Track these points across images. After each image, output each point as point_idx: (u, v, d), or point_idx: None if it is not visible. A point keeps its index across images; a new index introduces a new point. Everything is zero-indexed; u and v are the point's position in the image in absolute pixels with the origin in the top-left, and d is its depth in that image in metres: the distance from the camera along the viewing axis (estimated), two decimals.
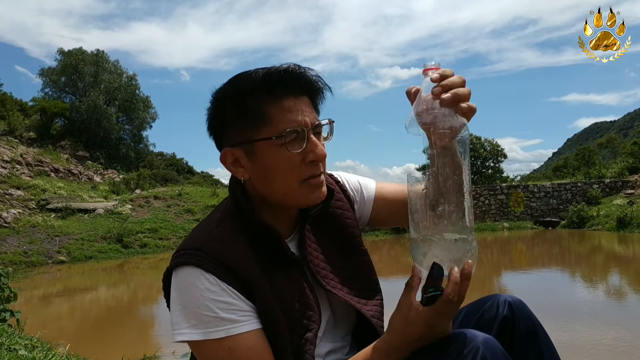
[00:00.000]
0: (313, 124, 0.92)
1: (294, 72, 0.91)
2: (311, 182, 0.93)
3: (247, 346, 0.86)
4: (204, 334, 0.85)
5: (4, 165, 16.12)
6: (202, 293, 0.86)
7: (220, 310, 0.85)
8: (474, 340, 0.81)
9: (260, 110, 0.90)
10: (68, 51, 30.33)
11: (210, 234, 0.93)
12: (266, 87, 0.89)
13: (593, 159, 28.09)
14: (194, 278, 0.87)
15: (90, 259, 11.45)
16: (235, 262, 0.89)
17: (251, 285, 0.89)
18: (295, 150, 0.89)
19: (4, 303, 3.88)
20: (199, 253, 0.89)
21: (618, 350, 4.10)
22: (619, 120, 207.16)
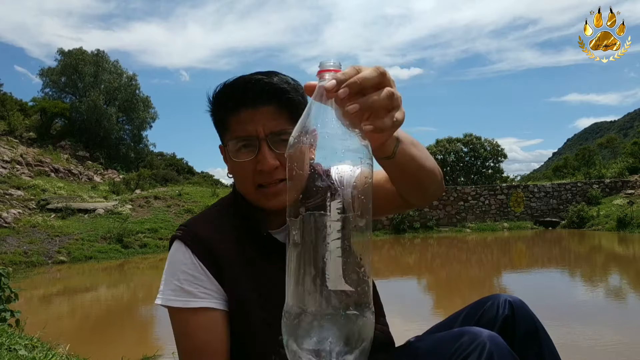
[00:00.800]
0: (268, 133, 0.94)
1: (244, 85, 0.95)
2: (264, 191, 0.97)
3: (199, 323, 0.93)
4: (165, 300, 0.95)
5: (4, 166, 16.12)
6: (175, 264, 0.97)
7: (185, 282, 0.95)
8: (480, 336, 0.82)
9: (223, 119, 1.00)
10: (68, 51, 30.34)
11: (202, 214, 1.06)
12: (224, 99, 0.98)
13: (593, 159, 28.10)
14: (175, 250, 0.99)
15: (90, 259, 11.45)
16: (212, 239, 0.98)
17: (223, 264, 0.96)
18: (241, 159, 0.96)
19: (4, 303, 3.88)
20: (185, 229, 1.01)
21: (618, 350, 4.10)
22: (619, 120, 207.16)
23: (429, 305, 6.65)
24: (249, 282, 0.96)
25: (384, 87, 0.60)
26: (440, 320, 1.17)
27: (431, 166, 0.89)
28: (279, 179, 0.96)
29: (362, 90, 0.58)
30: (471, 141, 27.03)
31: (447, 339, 0.86)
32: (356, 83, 0.58)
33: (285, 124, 0.95)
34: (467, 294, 7.10)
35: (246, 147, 0.96)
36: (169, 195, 17.06)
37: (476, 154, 26.88)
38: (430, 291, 7.95)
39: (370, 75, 0.59)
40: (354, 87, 0.57)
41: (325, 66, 0.61)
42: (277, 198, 0.97)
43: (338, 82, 0.57)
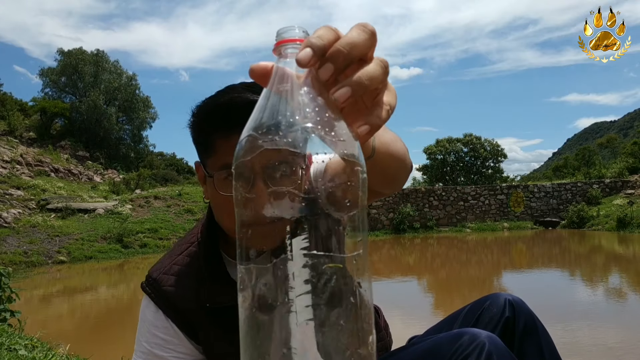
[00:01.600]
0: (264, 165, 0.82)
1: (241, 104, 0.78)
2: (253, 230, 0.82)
3: None
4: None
5: (4, 166, 16.12)
6: (146, 325, 0.92)
7: (156, 346, 0.90)
8: (479, 337, 0.83)
9: (207, 140, 0.84)
10: (68, 51, 30.36)
11: (171, 262, 0.95)
12: (212, 117, 0.82)
13: (593, 159, 28.12)
14: (145, 308, 0.94)
15: (90, 259, 11.45)
16: (181, 299, 0.91)
17: (195, 325, 0.91)
18: (229, 193, 0.78)
19: (4, 303, 3.88)
20: (154, 284, 0.93)
21: (618, 350, 4.10)
22: (619, 120, 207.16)
23: (429, 305, 6.65)
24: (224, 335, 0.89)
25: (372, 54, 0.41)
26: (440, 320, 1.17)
27: (403, 153, 0.72)
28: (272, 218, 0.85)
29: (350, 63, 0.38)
30: (471, 141, 27.03)
31: (446, 340, 0.86)
32: (342, 53, 0.37)
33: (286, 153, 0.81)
34: (467, 294, 7.10)
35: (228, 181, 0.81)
36: (169, 195, 17.06)
37: (476, 154, 26.87)
38: (430, 291, 7.95)
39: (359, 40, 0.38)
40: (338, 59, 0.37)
41: (289, 35, 0.40)
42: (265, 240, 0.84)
43: (315, 51, 0.37)
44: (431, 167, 27.49)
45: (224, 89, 0.84)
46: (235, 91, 0.81)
